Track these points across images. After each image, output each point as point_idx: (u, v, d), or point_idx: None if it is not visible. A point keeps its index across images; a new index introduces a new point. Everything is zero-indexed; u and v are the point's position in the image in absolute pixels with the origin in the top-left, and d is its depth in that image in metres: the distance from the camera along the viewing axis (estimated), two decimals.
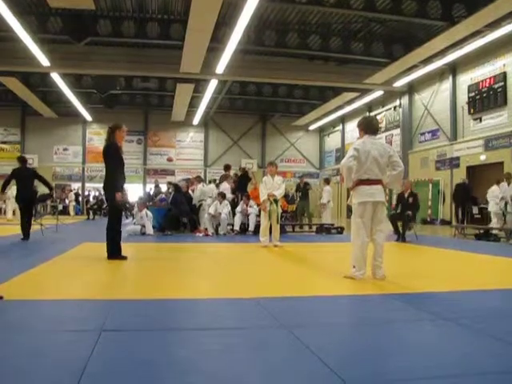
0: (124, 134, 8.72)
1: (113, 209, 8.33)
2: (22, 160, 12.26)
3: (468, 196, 18.36)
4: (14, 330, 3.66)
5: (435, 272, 7.37)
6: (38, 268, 6.83)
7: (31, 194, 11.93)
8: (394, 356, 3.14)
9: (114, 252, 7.99)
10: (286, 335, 3.59)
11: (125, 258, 8.04)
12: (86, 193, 33.72)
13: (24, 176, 11.65)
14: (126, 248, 9.31)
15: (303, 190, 19.24)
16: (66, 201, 33.56)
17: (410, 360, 3.04)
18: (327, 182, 20.57)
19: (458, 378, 2.74)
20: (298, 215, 19.34)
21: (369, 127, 6.53)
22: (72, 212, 29.76)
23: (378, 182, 6.30)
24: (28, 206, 11.77)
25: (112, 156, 8.31)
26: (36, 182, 11.99)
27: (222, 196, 14.71)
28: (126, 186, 9.42)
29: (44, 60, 19.96)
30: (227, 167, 17.10)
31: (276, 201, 11.04)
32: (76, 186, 35.57)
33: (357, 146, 6.27)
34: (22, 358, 3.00)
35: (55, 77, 23.38)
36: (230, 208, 14.73)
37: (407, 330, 3.88)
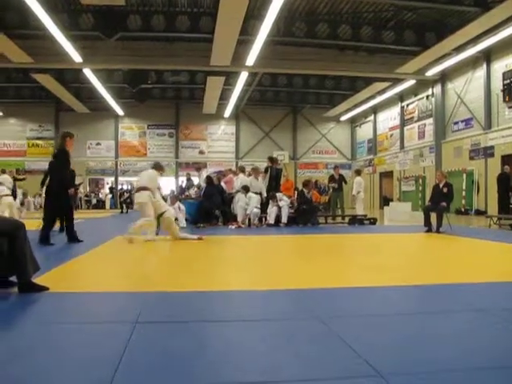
0: (73, 141, 10.02)
1: (63, 202, 9.59)
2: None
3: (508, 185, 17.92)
4: (51, 322, 3.75)
5: (469, 263, 7.29)
6: (73, 261, 6.96)
7: None
8: (427, 347, 3.11)
9: (75, 237, 9.55)
10: (320, 327, 3.60)
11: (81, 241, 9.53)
12: (119, 187, 34.02)
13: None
14: (159, 241, 9.43)
15: (338, 181, 18.68)
16: (100, 195, 34.10)
17: (445, 351, 3.01)
18: (358, 173, 20.36)
19: (496, 370, 2.71)
20: (332, 207, 19.10)
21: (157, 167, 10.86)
22: (107, 205, 30.31)
23: (142, 188, 10.01)
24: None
25: (61, 159, 9.60)
26: None
27: (246, 189, 14.75)
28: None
29: (76, 56, 20.24)
30: (271, 159, 16.95)
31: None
32: (109, 180, 36.09)
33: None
34: (60, 348, 3.07)
35: (87, 72, 23.70)
36: (257, 199, 14.71)
37: (441, 320, 3.84)
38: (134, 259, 7.65)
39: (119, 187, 33.69)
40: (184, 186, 24.24)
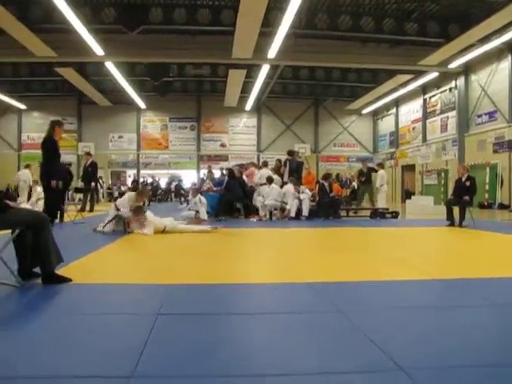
0: (62, 130, 9.71)
1: (49, 193, 9.38)
2: None
3: None
4: (74, 313, 3.79)
5: (492, 257, 7.20)
6: (95, 253, 7.02)
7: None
8: (449, 341, 3.09)
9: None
10: (341, 320, 3.59)
11: None
12: (141, 179, 34.18)
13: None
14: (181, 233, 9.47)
15: (367, 174, 18.82)
16: (122, 187, 34.33)
17: (466, 346, 2.99)
18: (381, 166, 20.27)
19: None
20: (358, 200, 19.18)
21: None
22: None
23: None
24: None
25: (48, 149, 9.23)
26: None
27: (269, 180, 14.80)
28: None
29: (99, 50, 20.37)
30: (290, 153, 17.11)
31: None
32: (131, 172, 36.36)
33: None
34: (84, 339, 3.11)
35: (109, 66, 23.83)
36: (278, 192, 14.74)
37: (462, 315, 3.81)
38: (156, 251, 7.70)
39: (141, 180, 33.84)
40: (205, 178, 24.30)
